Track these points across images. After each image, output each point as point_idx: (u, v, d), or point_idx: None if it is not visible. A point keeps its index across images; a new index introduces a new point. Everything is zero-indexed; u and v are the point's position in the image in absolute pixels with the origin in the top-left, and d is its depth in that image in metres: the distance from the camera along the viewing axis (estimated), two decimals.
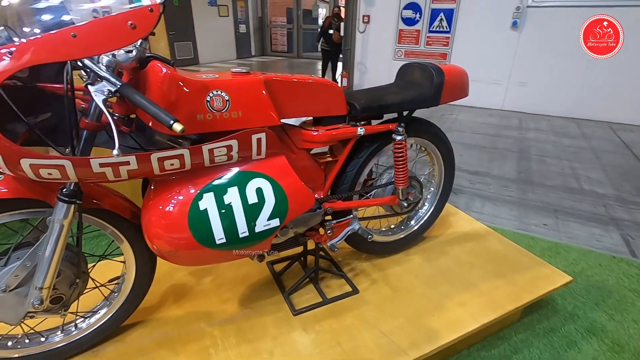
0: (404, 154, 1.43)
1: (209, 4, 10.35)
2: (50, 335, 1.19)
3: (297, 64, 11.17)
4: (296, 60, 12.00)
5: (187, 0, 9.61)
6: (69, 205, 0.95)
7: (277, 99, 1.14)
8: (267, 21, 12.57)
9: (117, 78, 0.84)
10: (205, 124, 1.02)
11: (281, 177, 1.14)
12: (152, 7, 0.83)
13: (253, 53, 12.53)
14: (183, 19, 9.66)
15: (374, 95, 1.37)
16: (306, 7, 11.89)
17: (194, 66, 10.02)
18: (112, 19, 0.80)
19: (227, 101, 1.04)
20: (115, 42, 0.81)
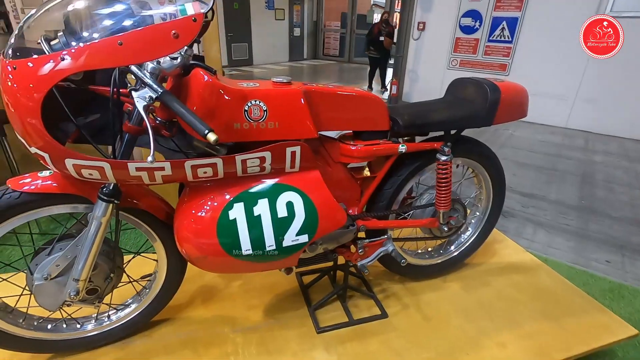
0: (448, 176, 1.33)
1: (266, 8, 10.67)
2: (85, 323, 1.25)
3: (347, 69, 11.16)
4: (347, 64, 11.99)
5: (246, 4, 9.99)
6: (107, 204, 0.99)
7: (316, 111, 1.10)
8: (322, 25, 12.71)
9: (159, 85, 0.85)
10: (241, 133, 1.01)
11: (313, 193, 1.11)
12: (195, 17, 0.83)
13: (305, 56, 12.72)
14: (241, 22, 10.05)
15: (419, 111, 1.29)
16: (361, 12, 11.84)
17: (247, 67, 10.38)
18: (157, 28, 0.81)
19: (264, 111, 1.02)
20: (159, 51, 0.82)
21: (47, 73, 0.78)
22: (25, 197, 0.96)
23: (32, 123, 0.80)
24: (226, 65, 10.04)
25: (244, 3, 9.93)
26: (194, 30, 0.84)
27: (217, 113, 0.98)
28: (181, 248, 1.07)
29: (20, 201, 0.96)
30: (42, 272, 1.04)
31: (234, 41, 10.04)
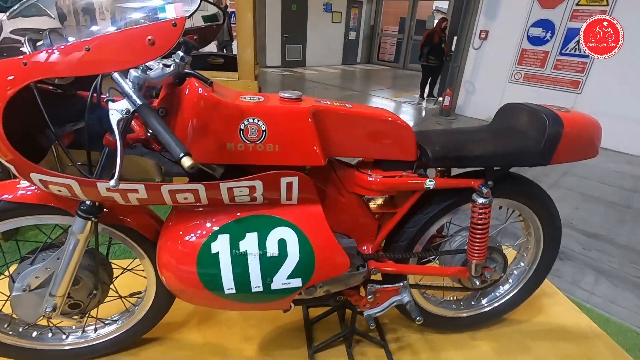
0: (484, 222, 1.10)
1: (324, 10, 10.64)
2: (72, 334, 1.20)
3: (401, 75, 10.78)
4: (401, 71, 11.60)
5: (304, 6, 10.03)
6: (86, 220, 0.91)
7: (326, 134, 0.94)
8: (378, 29, 12.43)
9: (139, 96, 0.74)
10: (234, 155, 0.88)
11: (311, 231, 0.94)
12: (175, 22, 0.71)
13: (359, 60, 12.52)
14: (297, 23, 10.11)
15: (456, 141, 1.07)
16: (420, 18, 11.38)
17: (300, 68, 10.42)
18: (130, 32, 0.70)
19: (263, 131, 0.88)
20: (130, 59, 0.71)
21: (10, 79, 0.70)
22: (4, 205, 0.91)
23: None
24: (279, 66, 10.16)
25: (302, 5, 9.97)
26: (174, 37, 0.71)
27: (208, 130, 0.86)
28: (161, 274, 0.97)
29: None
30: (22, 282, 0.99)
31: (289, 42, 10.12)
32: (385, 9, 12.15)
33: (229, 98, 0.89)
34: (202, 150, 0.87)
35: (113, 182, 0.70)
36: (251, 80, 2.02)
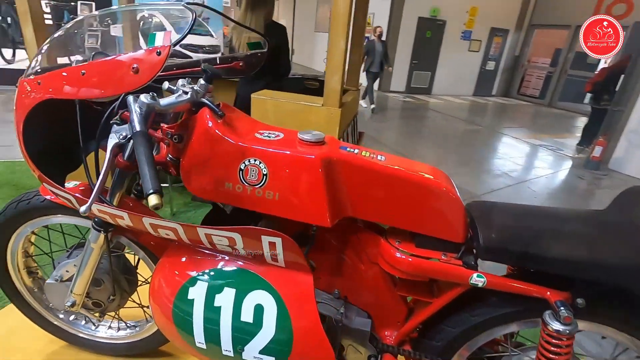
0: (561, 356, 0.73)
1: (461, 38, 10.03)
2: (100, 327, 1.28)
3: (544, 113, 9.29)
4: (545, 108, 10.00)
5: (439, 33, 9.65)
6: (98, 232, 0.93)
7: (342, 191, 0.77)
8: (524, 60, 11.05)
9: (140, 123, 0.72)
10: (231, 195, 0.78)
11: (293, 305, 0.77)
12: (160, 50, 0.66)
13: (494, 92, 11.35)
14: (429, 50, 9.78)
15: (530, 227, 0.75)
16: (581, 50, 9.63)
17: (424, 96, 10.01)
18: (118, 60, 0.68)
19: (264, 175, 0.76)
20: (115, 87, 0.68)
21: (28, 98, 0.75)
22: (48, 203, 1.01)
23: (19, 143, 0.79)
24: (402, 92, 9.97)
25: (437, 32, 9.62)
26: (157, 65, 0.66)
27: (209, 165, 0.79)
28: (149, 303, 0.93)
29: (43, 206, 1.01)
30: (57, 272, 1.08)
31: (416, 69, 9.86)
32: (536, 38, 10.75)
33: (239, 133, 0.80)
34: (201, 184, 0.81)
35: (82, 208, 0.68)
36: (335, 108, 1.93)
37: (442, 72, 10.17)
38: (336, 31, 1.82)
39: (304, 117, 1.96)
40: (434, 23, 9.48)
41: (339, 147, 0.81)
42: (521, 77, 11.22)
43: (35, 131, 0.81)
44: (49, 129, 0.84)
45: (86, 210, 0.68)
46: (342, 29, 1.81)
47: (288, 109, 1.97)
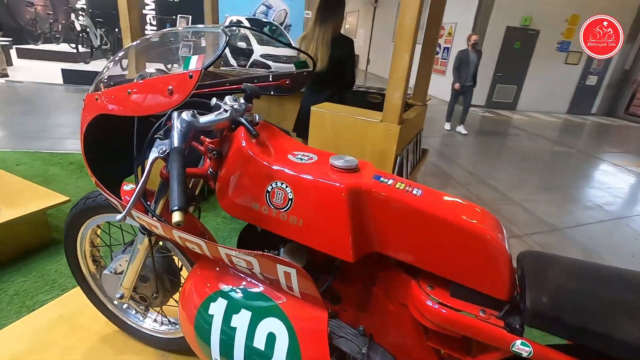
0: None
1: (557, 49, 9.03)
2: (147, 319, 1.38)
3: None
4: None
5: (531, 44, 8.82)
6: (143, 236, 1.00)
7: (370, 224, 0.71)
8: (637, 76, 9.54)
9: (179, 139, 0.75)
10: (257, 216, 0.78)
11: (305, 340, 0.73)
12: (192, 74, 0.67)
13: (594, 111, 9.99)
14: (517, 62, 8.98)
15: (593, 296, 0.61)
16: None
17: (507, 111, 9.21)
18: (157, 81, 0.71)
19: (289, 200, 0.74)
20: (152, 107, 0.71)
21: (88, 112, 0.83)
22: (108, 203, 1.11)
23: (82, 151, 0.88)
24: (482, 106, 9.30)
25: (528, 43, 8.80)
26: (189, 87, 0.68)
27: (240, 183, 0.80)
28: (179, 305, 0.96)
29: (105, 204, 1.12)
30: (113, 264, 1.19)
31: (500, 82, 9.12)
32: None
33: (271, 154, 0.79)
34: (231, 202, 0.81)
35: (118, 217, 0.72)
36: (393, 125, 1.85)
37: (531, 86, 9.26)
38: (401, 44, 1.75)
39: (362, 132, 1.91)
40: (525, 33, 8.70)
41: (372, 175, 0.75)
42: (631, 95, 9.71)
43: (97, 138, 0.90)
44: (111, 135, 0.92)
45: (121, 219, 0.72)
46: (408, 42, 1.73)
47: (346, 123, 1.94)
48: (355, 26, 17.02)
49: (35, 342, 1.37)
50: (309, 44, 2.36)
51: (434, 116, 7.32)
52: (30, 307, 1.82)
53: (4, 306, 1.86)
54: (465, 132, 6.41)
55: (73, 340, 1.39)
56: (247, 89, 0.82)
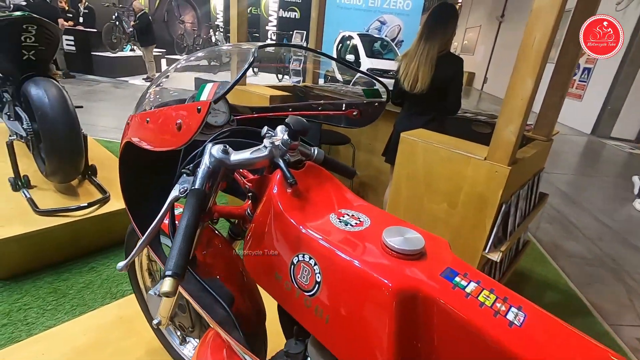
0: None
1: None
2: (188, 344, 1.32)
3: None
4: None
5: None
6: None
7: (424, 344, 0.46)
8: None
9: (201, 179, 0.62)
10: (278, 292, 0.59)
11: None
12: (200, 107, 0.51)
13: None
14: None
15: None
16: None
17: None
18: (170, 111, 0.57)
19: (316, 283, 0.53)
20: (161, 142, 0.58)
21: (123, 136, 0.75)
22: None
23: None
24: (632, 141, 7.53)
25: None
26: (196, 123, 0.52)
27: (265, 243, 0.62)
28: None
29: None
30: (157, 286, 1.15)
31: None
32: None
33: (308, 211, 0.59)
34: (253, 262, 0.64)
35: (119, 265, 0.62)
36: (502, 165, 1.47)
37: None
38: (524, 65, 1.38)
39: (459, 170, 1.58)
40: None
41: (443, 271, 0.49)
42: None
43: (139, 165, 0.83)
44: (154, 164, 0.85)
45: (121, 268, 0.61)
46: (534, 64, 1.36)
47: (440, 157, 1.63)
48: (474, 42, 15.82)
49: (94, 339, 1.42)
50: (410, 62, 2.11)
51: (561, 149, 6.17)
52: (114, 295, 1.96)
53: (94, 289, 2.04)
54: None
55: (126, 344, 1.41)
56: (292, 124, 0.64)
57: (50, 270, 2.08)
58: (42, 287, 1.98)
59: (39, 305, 1.86)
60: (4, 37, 2.12)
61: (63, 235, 2.07)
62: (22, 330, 1.71)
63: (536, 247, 2.96)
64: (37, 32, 2.16)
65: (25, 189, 2.30)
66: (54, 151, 2.12)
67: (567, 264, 2.79)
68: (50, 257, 2.07)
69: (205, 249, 0.87)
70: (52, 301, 1.89)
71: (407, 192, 1.78)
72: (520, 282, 2.48)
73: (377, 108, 0.87)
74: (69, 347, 1.36)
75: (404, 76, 2.13)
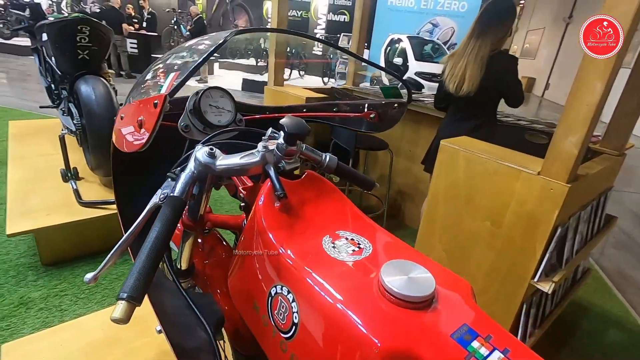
0: None
1: None
2: None
3: None
4: None
5: None
6: None
7: None
8: None
9: (182, 187, 0.55)
10: (255, 325, 0.50)
11: None
12: (157, 101, 0.42)
13: None
14: None
15: None
16: None
17: None
18: (135, 106, 0.49)
19: (293, 325, 0.43)
20: (128, 142, 0.50)
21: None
22: None
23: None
24: None
25: None
26: (152, 118, 0.44)
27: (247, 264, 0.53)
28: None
29: None
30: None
31: None
32: None
33: (294, 231, 0.49)
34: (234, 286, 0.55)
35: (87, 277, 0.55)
36: (559, 182, 1.26)
37: None
38: (591, 67, 1.18)
39: (506, 186, 1.38)
40: None
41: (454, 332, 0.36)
42: None
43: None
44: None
45: (89, 280, 0.55)
46: (605, 65, 1.15)
47: (485, 168, 1.44)
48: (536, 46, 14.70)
49: (108, 335, 1.43)
50: (458, 61, 1.92)
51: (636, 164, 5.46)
52: None
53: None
54: None
55: (138, 344, 1.40)
56: (286, 126, 0.54)
57: (89, 260, 2.17)
58: (79, 276, 2.06)
59: (73, 293, 1.93)
60: (61, 38, 2.26)
61: (101, 227, 2.15)
62: (56, 315, 1.78)
63: (599, 275, 2.59)
64: (90, 32, 2.27)
65: (73, 181, 2.44)
66: (98, 146, 2.21)
67: (638, 298, 2.40)
68: (90, 247, 2.16)
69: (207, 259, 0.80)
70: (85, 290, 1.96)
71: (444, 207, 1.61)
72: (578, 315, 2.16)
73: (397, 111, 0.74)
74: (85, 341, 1.38)
75: (450, 77, 1.95)
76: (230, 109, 0.76)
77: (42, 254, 2.06)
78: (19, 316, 1.75)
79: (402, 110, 0.74)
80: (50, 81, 2.66)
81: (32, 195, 2.21)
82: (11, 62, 8.26)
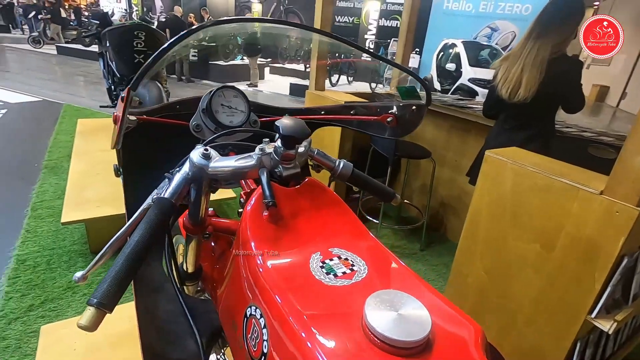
0: None
1: None
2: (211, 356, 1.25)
3: None
4: None
5: None
6: None
7: None
8: None
9: (173, 189, 0.52)
10: (233, 345, 0.45)
11: None
12: (123, 95, 0.39)
13: None
14: None
15: None
16: None
17: None
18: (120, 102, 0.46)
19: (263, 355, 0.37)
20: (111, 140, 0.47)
21: None
22: None
23: None
24: None
25: None
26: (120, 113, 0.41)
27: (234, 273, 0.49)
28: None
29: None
30: None
31: None
32: None
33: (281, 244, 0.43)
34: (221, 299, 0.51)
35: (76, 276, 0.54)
36: (628, 205, 1.07)
37: None
38: None
39: (560, 204, 1.21)
40: None
41: None
42: None
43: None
44: None
45: (78, 279, 0.54)
46: None
47: (536, 184, 1.28)
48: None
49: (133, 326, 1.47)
50: (513, 64, 1.75)
51: None
52: None
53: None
54: None
55: None
56: (281, 127, 0.48)
57: None
58: None
59: None
60: (120, 42, 2.44)
61: None
62: None
63: None
64: (146, 38, 2.42)
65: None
66: None
67: None
68: None
69: (217, 264, 0.77)
70: None
71: (487, 224, 1.46)
72: None
73: (416, 114, 0.65)
74: (112, 331, 1.43)
75: (503, 81, 1.78)
76: (243, 109, 0.73)
77: (91, 242, 2.21)
78: (65, 299, 1.88)
79: (421, 113, 0.65)
80: (110, 83, 2.88)
81: (88, 188, 2.39)
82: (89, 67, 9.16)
